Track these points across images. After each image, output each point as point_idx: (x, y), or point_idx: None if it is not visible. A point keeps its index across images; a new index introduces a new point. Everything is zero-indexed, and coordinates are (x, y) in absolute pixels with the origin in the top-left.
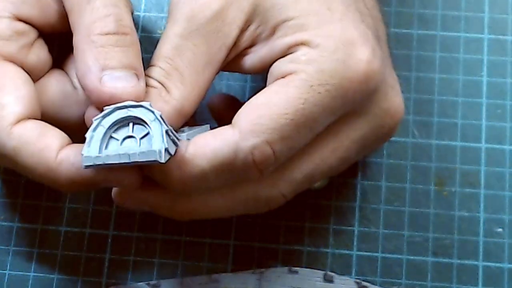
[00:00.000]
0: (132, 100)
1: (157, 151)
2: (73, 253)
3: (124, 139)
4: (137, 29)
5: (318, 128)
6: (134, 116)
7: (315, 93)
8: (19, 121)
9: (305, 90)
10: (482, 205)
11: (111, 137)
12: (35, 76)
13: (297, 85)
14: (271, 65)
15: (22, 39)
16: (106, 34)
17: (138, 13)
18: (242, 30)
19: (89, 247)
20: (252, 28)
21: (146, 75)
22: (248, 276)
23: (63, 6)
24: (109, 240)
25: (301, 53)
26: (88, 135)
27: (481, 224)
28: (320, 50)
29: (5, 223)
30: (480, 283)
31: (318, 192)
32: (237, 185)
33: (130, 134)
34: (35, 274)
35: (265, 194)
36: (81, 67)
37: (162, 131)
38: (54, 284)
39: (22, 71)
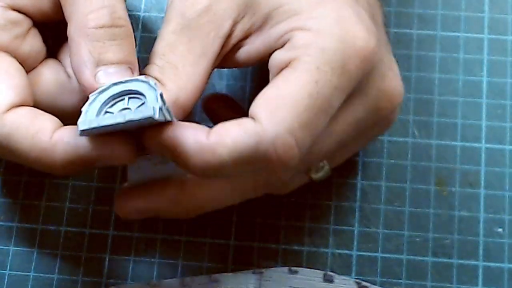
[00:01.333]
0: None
1: (151, 107)
2: (73, 253)
3: (120, 111)
4: (137, 29)
5: (333, 110)
6: (130, 90)
7: (323, 73)
8: (11, 108)
9: (313, 72)
10: (482, 205)
11: (106, 112)
12: (28, 65)
13: (304, 69)
14: (269, 56)
15: (16, 29)
16: (101, 27)
17: (138, 13)
18: (236, 22)
19: (89, 247)
20: (245, 19)
21: (143, 73)
22: (248, 276)
23: None
24: (109, 240)
25: (297, 39)
26: (84, 109)
27: (481, 224)
28: (316, 31)
29: (5, 223)
30: (480, 283)
31: (318, 192)
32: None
33: (126, 106)
34: (35, 274)
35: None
36: (76, 60)
37: (156, 94)
38: (54, 284)
39: (15, 60)
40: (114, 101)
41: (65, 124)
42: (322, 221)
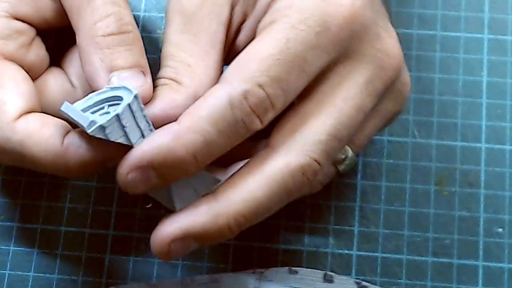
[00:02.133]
0: (141, 98)
1: (90, 120)
2: (73, 253)
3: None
4: None
5: (311, 68)
6: (113, 96)
7: (298, 31)
8: (21, 115)
9: (287, 31)
10: (482, 205)
11: (94, 111)
12: (34, 74)
13: (280, 28)
14: None
15: (21, 38)
16: (109, 35)
17: (138, 13)
18: (233, 5)
19: (89, 247)
20: (241, 1)
21: (157, 78)
22: (248, 276)
23: (60, 4)
24: (109, 240)
25: (279, 2)
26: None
27: (481, 224)
28: None
29: (5, 223)
30: (480, 283)
31: (318, 192)
32: (264, 166)
33: (106, 110)
34: (35, 274)
35: (297, 165)
36: (89, 69)
37: (123, 105)
38: (54, 284)
39: (21, 69)
40: (97, 107)
41: None
42: (322, 221)
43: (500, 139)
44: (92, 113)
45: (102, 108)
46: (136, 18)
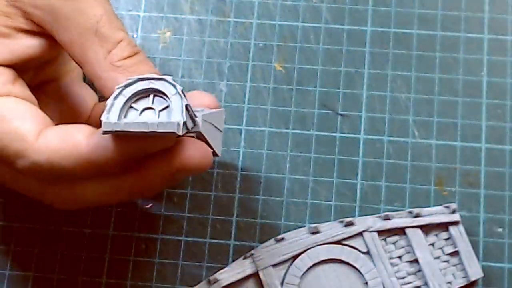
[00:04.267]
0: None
1: (176, 122)
2: (73, 253)
3: (144, 110)
4: (137, 29)
5: None
6: (155, 89)
7: None
8: (39, 135)
9: None
10: (482, 205)
11: (130, 106)
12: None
13: None
14: None
15: (1, 77)
16: (127, 57)
17: (138, 13)
18: None
19: (89, 247)
20: None
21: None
22: (241, 263)
23: (41, 40)
24: (109, 240)
25: None
26: (108, 102)
27: (481, 224)
28: None
29: (5, 223)
30: (480, 283)
31: (318, 192)
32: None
33: (150, 105)
34: (35, 274)
35: None
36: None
37: (182, 104)
38: (54, 284)
39: (15, 98)
40: (139, 96)
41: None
42: (322, 221)
43: (500, 139)
44: (130, 107)
45: (142, 99)
46: (136, 18)
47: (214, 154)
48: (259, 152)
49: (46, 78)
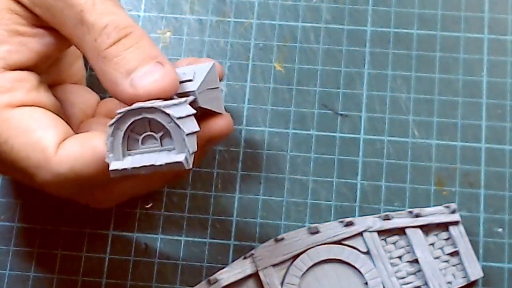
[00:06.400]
0: (167, 86)
1: (183, 161)
2: (73, 253)
3: (144, 137)
4: None
5: None
6: (148, 118)
7: None
8: (58, 147)
9: None
10: (482, 205)
11: (129, 136)
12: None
13: None
14: None
15: (25, 84)
16: (112, 44)
17: (138, 13)
18: None
19: (89, 247)
20: None
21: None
22: (241, 263)
23: (51, 36)
24: (109, 240)
25: None
26: (108, 142)
27: (481, 224)
28: None
29: (5, 223)
30: (480, 283)
31: (318, 192)
32: None
33: (148, 132)
34: (35, 274)
35: None
36: (109, 86)
37: (183, 136)
38: (54, 284)
39: (35, 107)
40: (135, 123)
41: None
42: (322, 221)
43: (500, 139)
44: (129, 137)
45: (136, 127)
46: (136, 18)
47: (219, 114)
48: (259, 152)
49: (51, 82)
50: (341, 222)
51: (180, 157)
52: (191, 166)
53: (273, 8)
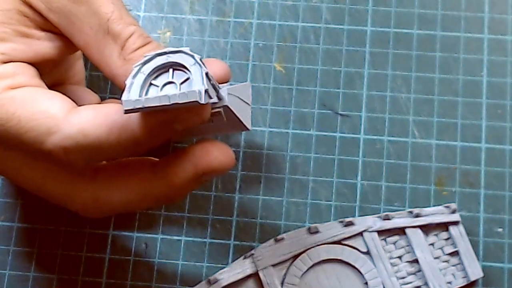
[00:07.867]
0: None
1: (197, 91)
2: (73, 253)
3: (164, 85)
4: None
5: None
6: (174, 62)
7: None
8: (69, 112)
9: None
10: (482, 205)
11: (151, 84)
12: None
13: None
14: None
15: (28, 71)
16: (137, 49)
17: (138, 13)
18: None
19: (89, 247)
20: None
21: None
22: (241, 263)
23: (59, 40)
24: (109, 241)
25: None
26: (128, 81)
27: (481, 224)
28: None
29: (5, 223)
30: (480, 283)
31: (318, 192)
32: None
33: (170, 80)
34: (35, 274)
35: None
36: None
37: (202, 73)
38: (54, 284)
39: (39, 87)
40: (158, 72)
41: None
42: (322, 221)
43: (500, 139)
44: (151, 84)
45: (161, 74)
46: (136, 18)
47: (245, 128)
48: (259, 152)
49: (53, 83)
50: (341, 222)
51: (196, 87)
52: (203, 101)
53: (273, 8)
